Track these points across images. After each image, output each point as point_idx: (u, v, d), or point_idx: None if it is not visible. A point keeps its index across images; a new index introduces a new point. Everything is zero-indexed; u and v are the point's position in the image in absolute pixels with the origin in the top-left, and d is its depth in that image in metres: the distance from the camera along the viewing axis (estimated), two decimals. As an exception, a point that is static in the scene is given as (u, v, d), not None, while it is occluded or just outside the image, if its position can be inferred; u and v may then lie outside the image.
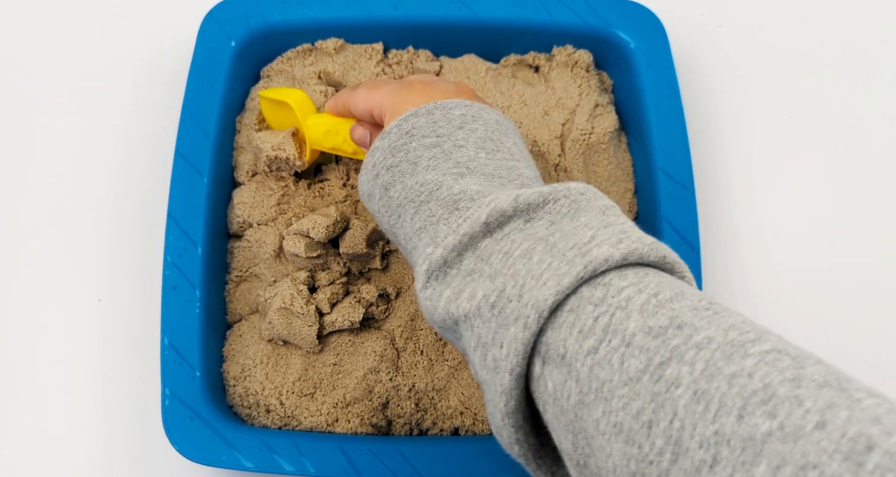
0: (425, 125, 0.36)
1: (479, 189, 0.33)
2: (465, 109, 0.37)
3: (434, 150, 0.35)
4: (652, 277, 0.28)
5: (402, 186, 0.35)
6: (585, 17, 0.52)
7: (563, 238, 0.30)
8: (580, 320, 0.27)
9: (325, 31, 0.53)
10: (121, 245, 0.52)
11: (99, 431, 0.48)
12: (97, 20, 0.59)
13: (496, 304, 0.29)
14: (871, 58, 0.61)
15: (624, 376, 0.25)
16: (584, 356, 0.27)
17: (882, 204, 0.56)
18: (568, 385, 0.27)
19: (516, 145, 0.38)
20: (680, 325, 0.25)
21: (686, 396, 0.23)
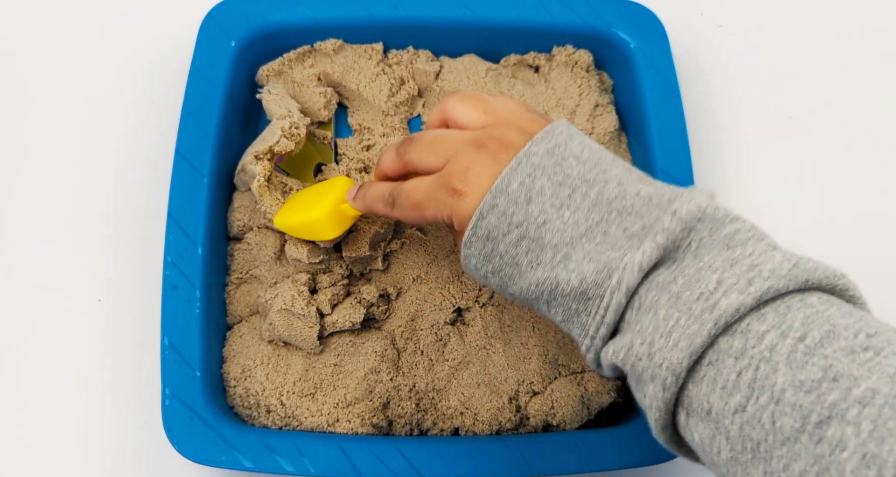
0: (497, 223, 0.33)
1: (594, 268, 0.31)
2: (520, 177, 0.33)
3: (524, 243, 0.33)
4: (796, 311, 0.26)
5: (518, 288, 0.34)
6: (585, 17, 0.52)
7: (688, 286, 0.28)
8: (722, 376, 0.26)
9: (324, 31, 0.53)
10: (121, 245, 0.52)
11: (99, 431, 0.48)
12: (97, 20, 0.59)
13: (626, 360, 0.29)
14: (871, 58, 0.61)
15: (779, 436, 0.24)
16: (731, 414, 0.26)
17: (882, 204, 0.56)
18: (717, 441, 0.26)
19: (580, 161, 0.34)
20: (835, 376, 0.24)
21: (854, 460, 0.22)
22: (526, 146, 0.34)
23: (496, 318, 0.48)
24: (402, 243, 0.49)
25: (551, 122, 0.36)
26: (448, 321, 0.48)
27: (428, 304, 0.48)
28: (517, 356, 0.47)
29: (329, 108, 0.52)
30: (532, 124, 0.36)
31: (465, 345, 0.48)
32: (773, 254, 0.28)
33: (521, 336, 0.48)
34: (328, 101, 0.52)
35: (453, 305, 0.48)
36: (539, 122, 0.37)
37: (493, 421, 0.46)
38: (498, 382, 0.47)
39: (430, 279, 0.49)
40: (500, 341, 0.48)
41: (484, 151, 0.35)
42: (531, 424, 0.46)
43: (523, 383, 0.47)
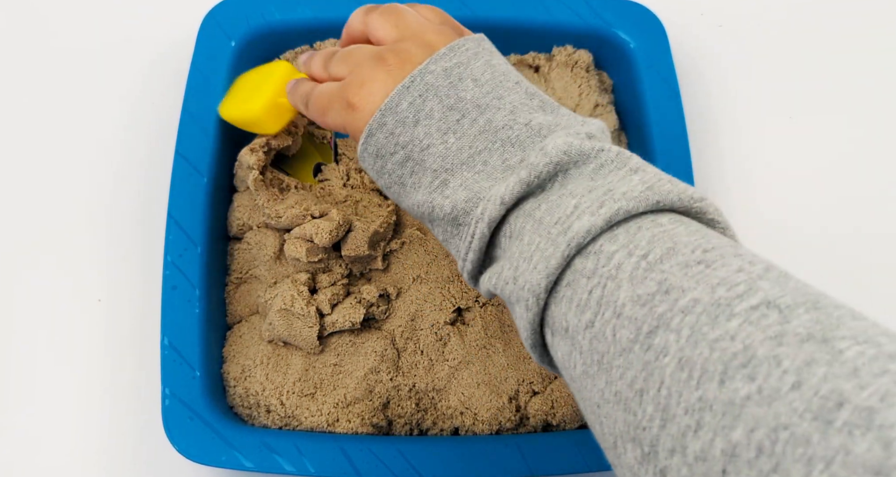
0: (385, 142, 0.35)
1: (466, 196, 0.32)
2: (410, 96, 0.34)
3: (408, 165, 0.35)
4: (645, 231, 0.28)
5: (406, 205, 0.36)
6: (585, 17, 0.52)
7: (549, 212, 0.30)
8: (577, 295, 0.28)
9: (324, 31, 0.53)
10: (121, 245, 0.52)
11: (99, 431, 0.48)
12: (97, 20, 0.59)
13: (497, 285, 0.31)
14: (871, 58, 0.61)
15: (618, 347, 0.26)
16: (583, 330, 0.27)
17: (882, 204, 0.56)
18: (573, 357, 0.28)
19: (478, 83, 0.34)
20: (668, 289, 0.25)
21: (672, 364, 0.24)
22: (423, 64, 0.34)
23: (496, 318, 0.48)
24: (402, 243, 0.49)
25: (462, 37, 0.36)
26: (448, 321, 0.48)
27: (428, 303, 0.48)
28: (517, 356, 0.47)
29: None
30: (440, 38, 0.36)
31: (465, 345, 0.48)
32: (630, 178, 0.29)
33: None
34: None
35: (453, 305, 0.48)
36: (448, 36, 0.36)
37: (493, 421, 0.46)
38: (498, 381, 0.47)
39: (430, 279, 0.49)
40: (500, 341, 0.48)
41: (381, 66, 0.35)
42: (531, 424, 0.46)
43: (523, 383, 0.47)
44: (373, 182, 0.51)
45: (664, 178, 0.30)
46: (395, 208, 0.49)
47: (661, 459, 0.23)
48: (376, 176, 0.37)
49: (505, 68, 0.36)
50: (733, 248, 0.27)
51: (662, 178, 0.29)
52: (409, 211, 0.36)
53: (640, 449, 0.24)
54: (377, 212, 0.48)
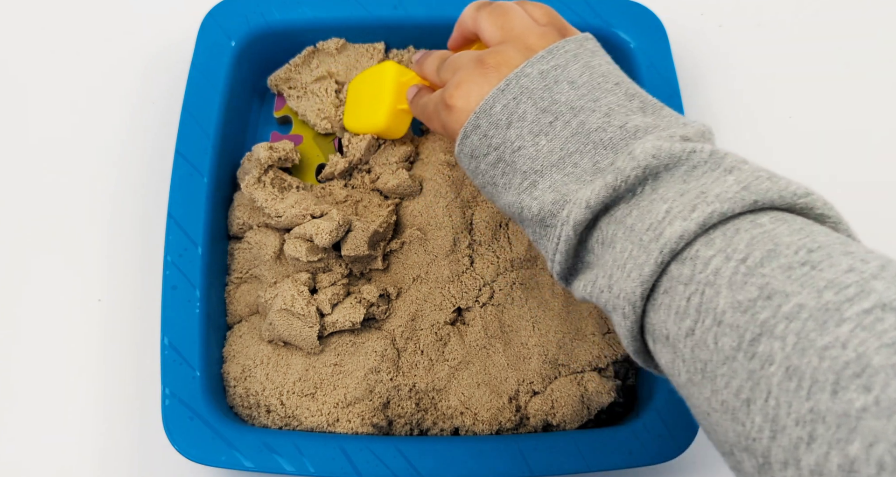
0: (479, 143, 0.35)
1: (553, 198, 0.32)
2: (504, 99, 0.34)
3: (500, 166, 0.35)
4: (743, 233, 0.26)
5: (500, 205, 0.36)
6: (585, 17, 0.52)
7: (640, 218, 0.29)
8: (675, 302, 0.27)
9: (325, 31, 0.53)
10: (121, 245, 0.52)
11: (99, 431, 0.48)
12: (97, 20, 0.59)
13: (592, 293, 0.31)
14: (871, 58, 0.61)
15: (721, 356, 0.25)
16: (683, 338, 0.27)
17: (882, 204, 0.56)
18: (676, 364, 0.27)
19: (574, 86, 0.34)
20: (770, 294, 0.24)
21: (779, 373, 0.23)
22: (519, 67, 0.35)
23: (496, 318, 0.48)
24: (402, 243, 0.49)
25: (564, 39, 0.36)
26: (448, 321, 0.48)
27: (428, 303, 0.48)
28: (517, 356, 0.47)
29: (341, 110, 0.53)
30: (541, 41, 0.36)
31: (465, 345, 0.48)
32: (724, 178, 0.28)
33: (521, 336, 0.48)
34: (342, 102, 0.52)
35: (453, 305, 0.48)
36: (550, 38, 0.36)
37: (493, 421, 0.46)
38: (498, 381, 0.47)
39: (430, 279, 0.49)
40: (500, 341, 0.48)
41: (480, 69, 0.36)
42: (531, 424, 0.46)
43: (523, 383, 0.47)
44: (373, 182, 0.51)
45: (762, 176, 0.28)
46: (395, 208, 0.49)
47: (776, 471, 0.23)
48: (472, 176, 0.37)
49: (605, 69, 0.35)
50: (843, 245, 0.25)
51: (761, 176, 0.28)
52: (502, 211, 0.37)
53: (754, 459, 0.24)
54: (377, 212, 0.48)
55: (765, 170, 0.29)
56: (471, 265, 0.49)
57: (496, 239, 0.50)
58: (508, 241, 0.50)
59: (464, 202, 0.50)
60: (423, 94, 0.44)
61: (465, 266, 0.49)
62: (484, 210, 0.50)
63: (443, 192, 0.50)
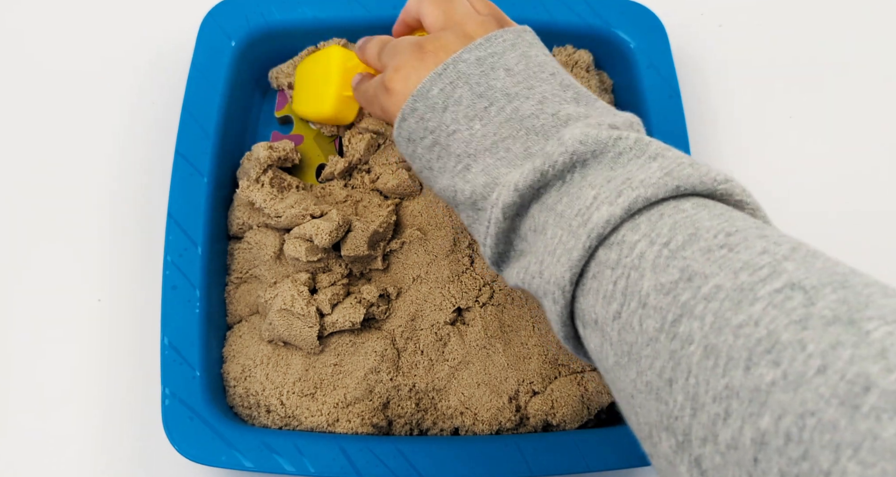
0: (416, 127, 0.36)
1: (485, 181, 0.33)
2: (441, 83, 0.35)
3: (436, 149, 0.36)
4: (667, 218, 0.27)
5: (436, 189, 0.37)
6: (585, 17, 0.52)
7: (569, 204, 0.30)
8: (602, 286, 0.28)
9: (325, 31, 0.53)
10: (121, 245, 0.52)
11: (99, 431, 0.48)
12: (97, 20, 0.59)
13: (524, 280, 0.31)
14: (871, 57, 0.61)
15: (645, 337, 0.25)
16: (611, 321, 0.27)
17: (883, 204, 0.56)
18: (605, 348, 0.28)
19: (510, 73, 0.35)
20: (690, 276, 0.25)
21: (698, 352, 0.23)
22: (457, 52, 0.35)
23: (496, 318, 0.48)
24: (402, 243, 0.49)
25: (503, 29, 0.37)
26: (448, 321, 0.48)
27: (428, 303, 0.48)
28: (517, 356, 0.47)
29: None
30: (480, 29, 0.37)
31: (465, 345, 0.48)
32: (649, 165, 0.29)
33: (521, 336, 0.48)
34: None
35: (453, 305, 0.48)
36: (489, 27, 0.37)
37: (493, 421, 0.46)
38: (498, 381, 0.47)
39: (430, 279, 0.49)
40: (500, 341, 0.48)
41: (418, 53, 0.37)
42: (531, 424, 0.46)
43: (523, 383, 0.47)
44: (373, 182, 0.51)
45: (685, 162, 0.29)
46: (394, 208, 0.49)
47: (695, 447, 0.23)
48: (410, 160, 0.38)
49: (542, 60, 0.36)
50: (759, 229, 0.26)
51: (683, 163, 0.29)
52: (439, 195, 0.37)
53: (674, 438, 0.24)
54: (377, 212, 0.48)
55: (687, 157, 0.30)
56: (471, 265, 0.49)
57: (496, 239, 0.50)
58: (508, 241, 0.50)
59: (464, 202, 0.50)
60: (365, 81, 0.44)
61: (465, 266, 0.49)
62: (484, 210, 0.50)
63: (443, 192, 0.50)
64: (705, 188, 0.29)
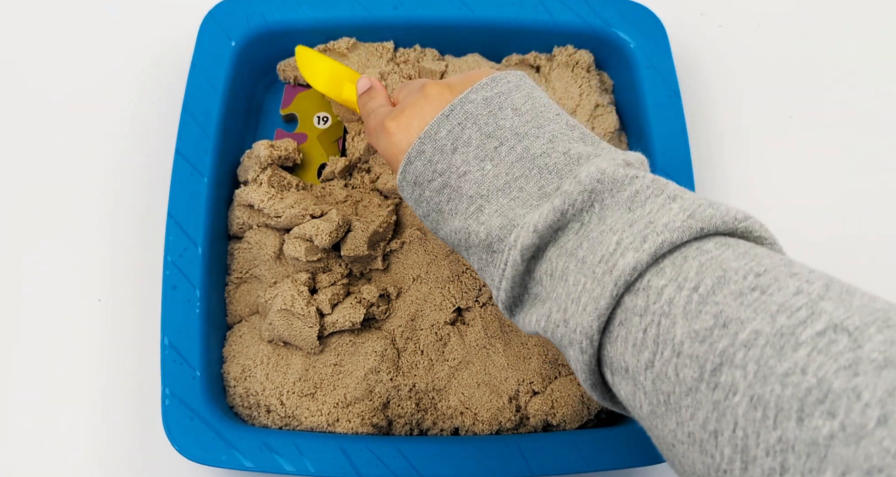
0: (423, 170, 0.35)
1: (501, 222, 0.32)
2: (449, 125, 0.35)
3: (445, 192, 0.35)
4: (692, 261, 0.27)
5: (443, 234, 0.36)
6: (585, 18, 0.52)
7: (591, 250, 0.29)
8: (631, 334, 0.27)
9: (325, 32, 0.53)
10: (121, 245, 0.52)
11: (99, 431, 0.48)
12: (97, 20, 0.59)
13: (546, 328, 0.30)
14: (870, 57, 0.61)
15: (683, 387, 0.25)
16: (643, 370, 0.26)
17: (883, 204, 0.56)
18: (638, 397, 0.27)
19: (518, 112, 0.34)
20: (725, 322, 0.24)
21: (744, 403, 0.22)
22: (464, 93, 0.35)
23: (496, 317, 0.48)
24: (402, 243, 0.49)
25: (504, 71, 0.36)
26: (448, 321, 0.48)
27: (428, 303, 0.48)
28: (517, 356, 0.47)
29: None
30: (478, 72, 0.37)
31: (465, 345, 0.48)
32: (669, 207, 0.29)
33: (521, 336, 0.48)
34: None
35: (453, 305, 0.48)
36: (483, 72, 0.37)
37: (493, 421, 0.46)
38: (498, 381, 0.47)
39: (430, 279, 0.49)
40: (500, 341, 0.48)
41: (424, 94, 0.36)
42: (531, 424, 0.46)
43: (523, 383, 0.47)
44: (373, 182, 0.51)
45: (704, 203, 0.28)
46: (394, 208, 0.49)
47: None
48: (415, 205, 0.37)
49: (545, 101, 0.36)
50: (787, 267, 0.25)
51: (703, 204, 0.28)
52: (446, 240, 0.36)
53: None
54: (377, 212, 0.48)
55: (704, 198, 0.29)
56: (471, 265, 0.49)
57: (496, 239, 0.50)
58: (508, 241, 0.50)
59: (464, 202, 0.50)
60: (374, 96, 0.43)
61: (465, 266, 0.49)
62: (484, 210, 0.50)
63: (443, 192, 0.50)
64: (727, 227, 0.28)
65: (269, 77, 0.55)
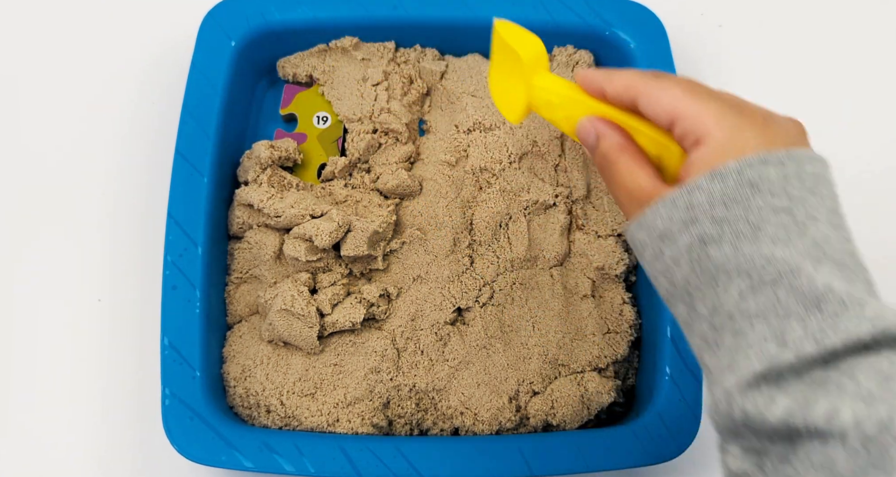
0: (776, 179, 0.29)
1: (846, 289, 0.27)
2: (816, 167, 0.30)
3: (784, 217, 0.28)
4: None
5: (732, 250, 0.28)
6: (585, 17, 0.52)
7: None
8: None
9: (325, 31, 0.53)
10: (121, 245, 0.52)
11: (99, 431, 0.48)
12: (97, 20, 0.59)
13: (875, 438, 0.24)
14: (870, 57, 0.61)
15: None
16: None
17: (883, 204, 0.56)
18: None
19: (837, 214, 0.30)
20: None
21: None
22: (799, 148, 0.30)
23: (496, 318, 0.48)
24: (403, 243, 0.49)
25: (805, 148, 0.31)
26: (448, 321, 0.48)
27: (428, 303, 0.48)
28: (517, 356, 0.47)
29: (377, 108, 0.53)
30: (801, 135, 0.32)
31: (466, 345, 0.48)
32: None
33: (521, 336, 0.48)
34: (364, 99, 0.53)
35: (453, 305, 0.48)
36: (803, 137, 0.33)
37: (494, 421, 0.46)
38: (498, 381, 0.47)
39: (430, 279, 0.49)
40: (500, 341, 0.48)
41: (745, 111, 0.31)
42: (531, 424, 0.46)
43: (523, 383, 0.47)
44: (373, 182, 0.51)
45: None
46: (394, 208, 0.49)
47: None
48: (721, 200, 0.29)
49: (835, 204, 0.31)
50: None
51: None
52: (712, 256, 0.29)
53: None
54: (377, 212, 0.48)
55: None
56: (471, 265, 0.49)
57: (496, 239, 0.50)
58: (508, 241, 0.50)
59: (464, 202, 0.50)
60: (609, 137, 0.35)
61: (465, 266, 0.49)
62: (484, 210, 0.50)
63: (443, 192, 0.50)
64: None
65: (270, 77, 0.55)
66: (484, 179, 0.51)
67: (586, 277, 0.50)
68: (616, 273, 0.50)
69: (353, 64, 0.53)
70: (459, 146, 0.52)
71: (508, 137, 0.51)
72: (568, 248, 0.51)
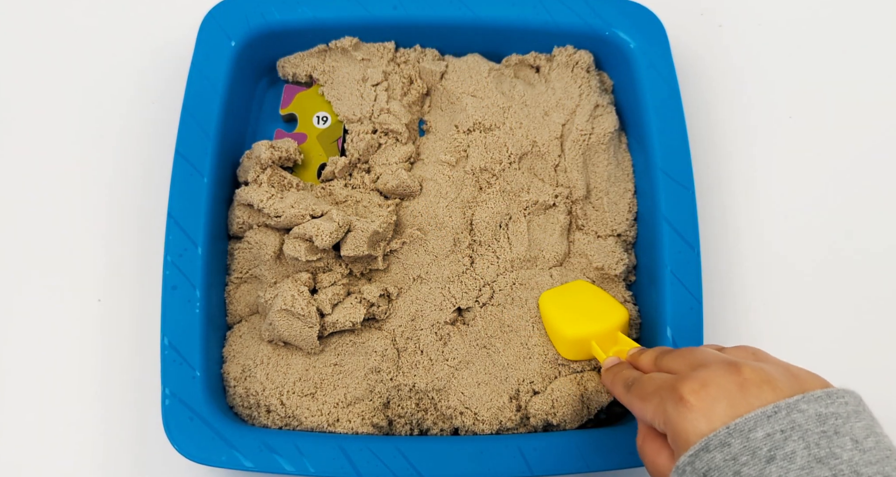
0: (722, 465, 0.29)
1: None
2: (770, 428, 0.30)
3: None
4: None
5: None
6: (585, 18, 0.53)
7: None
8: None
9: (325, 31, 0.53)
10: (121, 245, 0.52)
11: (99, 431, 0.48)
12: (97, 20, 0.59)
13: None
14: (870, 57, 0.61)
15: None
16: None
17: (883, 204, 0.56)
18: None
19: (859, 447, 0.29)
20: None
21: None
22: (793, 398, 0.30)
23: (496, 317, 0.48)
24: (403, 243, 0.49)
25: (837, 387, 0.32)
26: (448, 321, 0.48)
27: (428, 303, 0.48)
28: (517, 356, 0.47)
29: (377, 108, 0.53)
30: (803, 373, 0.33)
31: (466, 344, 0.48)
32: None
33: (522, 336, 0.48)
34: (365, 99, 0.53)
35: (454, 305, 0.48)
36: (811, 377, 0.33)
37: (494, 420, 0.46)
38: (498, 381, 0.47)
39: (430, 279, 0.49)
40: (500, 341, 0.48)
41: (734, 375, 0.32)
42: (532, 424, 0.46)
43: (524, 383, 0.47)
44: (373, 182, 0.51)
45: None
46: (395, 208, 0.49)
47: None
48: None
49: (889, 443, 0.31)
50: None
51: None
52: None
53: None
54: (377, 212, 0.48)
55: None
56: (471, 265, 0.49)
57: (496, 239, 0.50)
58: (508, 241, 0.50)
59: (464, 202, 0.50)
60: (627, 369, 0.39)
61: (465, 266, 0.49)
62: (484, 210, 0.50)
63: (443, 192, 0.50)
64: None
65: (269, 77, 0.55)
66: (484, 180, 0.51)
67: (586, 277, 0.50)
68: (616, 273, 0.50)
69: (353, 64, 0.53)
70: (459, 146, 0.52)
71: (508, 138, 0.51)
72: (568, 248, 0.51)
